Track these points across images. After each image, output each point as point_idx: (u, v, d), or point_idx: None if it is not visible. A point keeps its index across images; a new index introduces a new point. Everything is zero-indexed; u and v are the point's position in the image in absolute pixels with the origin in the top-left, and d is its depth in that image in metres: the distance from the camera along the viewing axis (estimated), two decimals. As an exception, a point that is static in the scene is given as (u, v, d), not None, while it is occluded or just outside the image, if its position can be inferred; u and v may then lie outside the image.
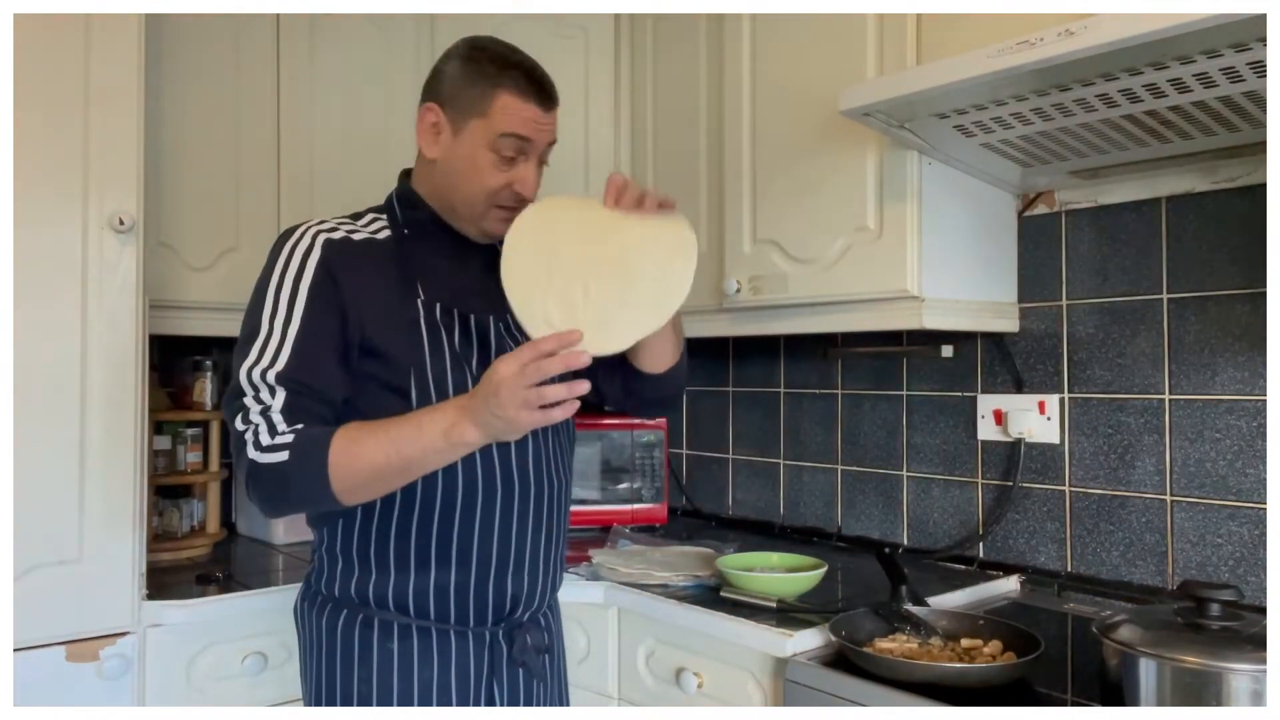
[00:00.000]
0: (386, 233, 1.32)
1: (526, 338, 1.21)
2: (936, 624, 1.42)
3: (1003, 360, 1.86)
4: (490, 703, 1.28)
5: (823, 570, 1.63)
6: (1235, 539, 1.55)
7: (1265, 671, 1.03)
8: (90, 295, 1.61)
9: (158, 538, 2.03)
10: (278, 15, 2.14)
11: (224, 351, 2.38)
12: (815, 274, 1.73)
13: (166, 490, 2.13)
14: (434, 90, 1.33)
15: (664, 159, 2.13)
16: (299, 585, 1.38)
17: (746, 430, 2.38)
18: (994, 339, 1.87)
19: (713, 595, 1.63)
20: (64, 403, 1.58)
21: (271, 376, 1.17)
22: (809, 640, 1.42)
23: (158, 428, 2.09)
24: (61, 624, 1.58)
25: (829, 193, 1.71)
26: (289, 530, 2.20)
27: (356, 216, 1.34)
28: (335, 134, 2.23)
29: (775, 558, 1.76)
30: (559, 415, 1.07)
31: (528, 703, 1.32)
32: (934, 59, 1.49)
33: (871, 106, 1.38)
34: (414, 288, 1.27)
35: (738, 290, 1.85)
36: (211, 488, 2.16)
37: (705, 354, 2.48)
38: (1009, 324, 1.82)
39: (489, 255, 1.36)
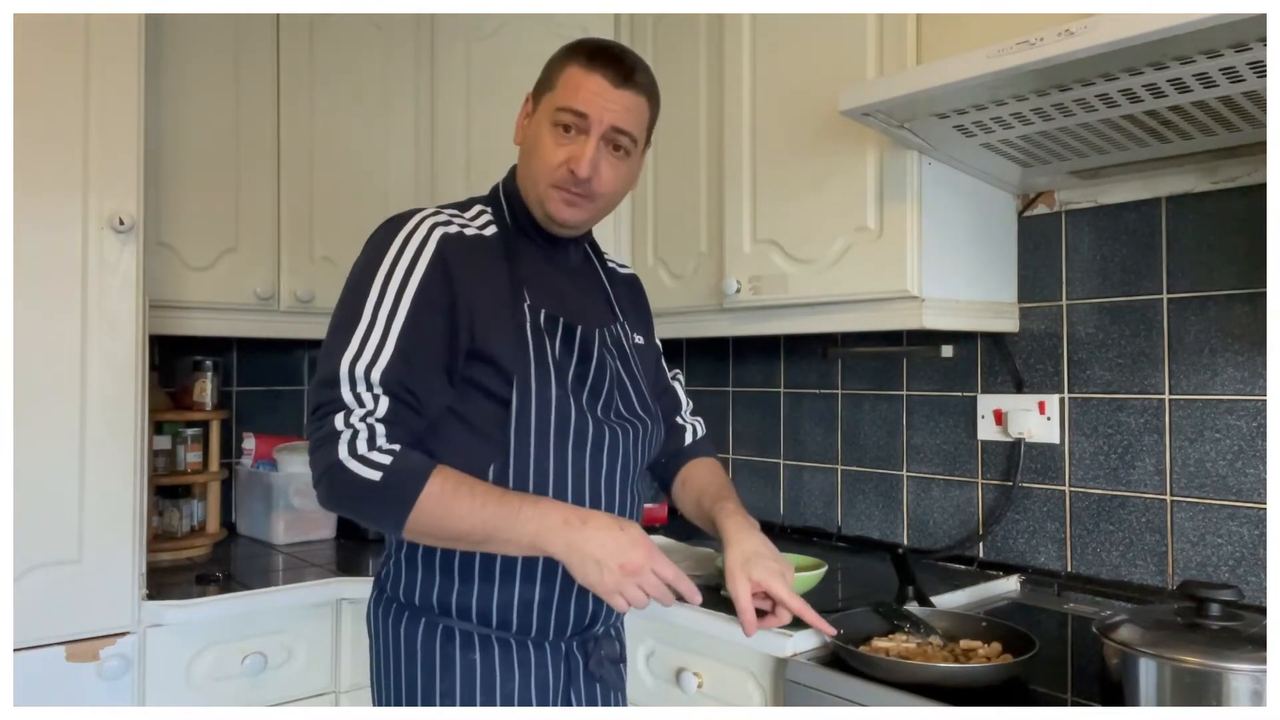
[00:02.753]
0: (493, 229, 1.25)
1: (623, 350, 1.29)
2: (937, 624, 1.42)
3: (1003, 360, 1.86)
4: None
5: (823, 570, 1.63)
6: (1235, 539, 1.55)
7: (1265, 671, 1.03)
8: (90, 295, 1.61)
9: (158, 538, 2.03)
10: (278, 15, 2.14)
11: (224, 352, 2.39)
12: (815, 274, 1.73)
13: (166, 490, 2.13)
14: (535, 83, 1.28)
15: (664, 159, 2.13)
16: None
17: (746, 430, 2.38)
18: (994, 339, 1.87)
19: (713, 595, 1.63)
20: (64, 403, 1.58)
21: (376, 376, 1.11)
22: (809, 640, 1.42)
23: (158, 428, 2.09)
24: (61, 624, 1.58)
25: (829, 193, 1.71)
26: (289, 530, 2.20)
27: (463, 208, 1.27)
28: (335, 134, 2.23)
29: None
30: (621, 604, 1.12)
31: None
32: (934, 59, 1.49)
33: (871, 106, 1.38)
34: (520, 291, 1.21)
35: (738, 290, 1.85)
36: (211, 488, 2.16)
37: (705, 354, 2.48)
38: (1009, 324, 1.82)
39: (583, 257, 1.36)
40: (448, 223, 1.21)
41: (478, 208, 1.28)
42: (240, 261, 2.09)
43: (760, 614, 1.24)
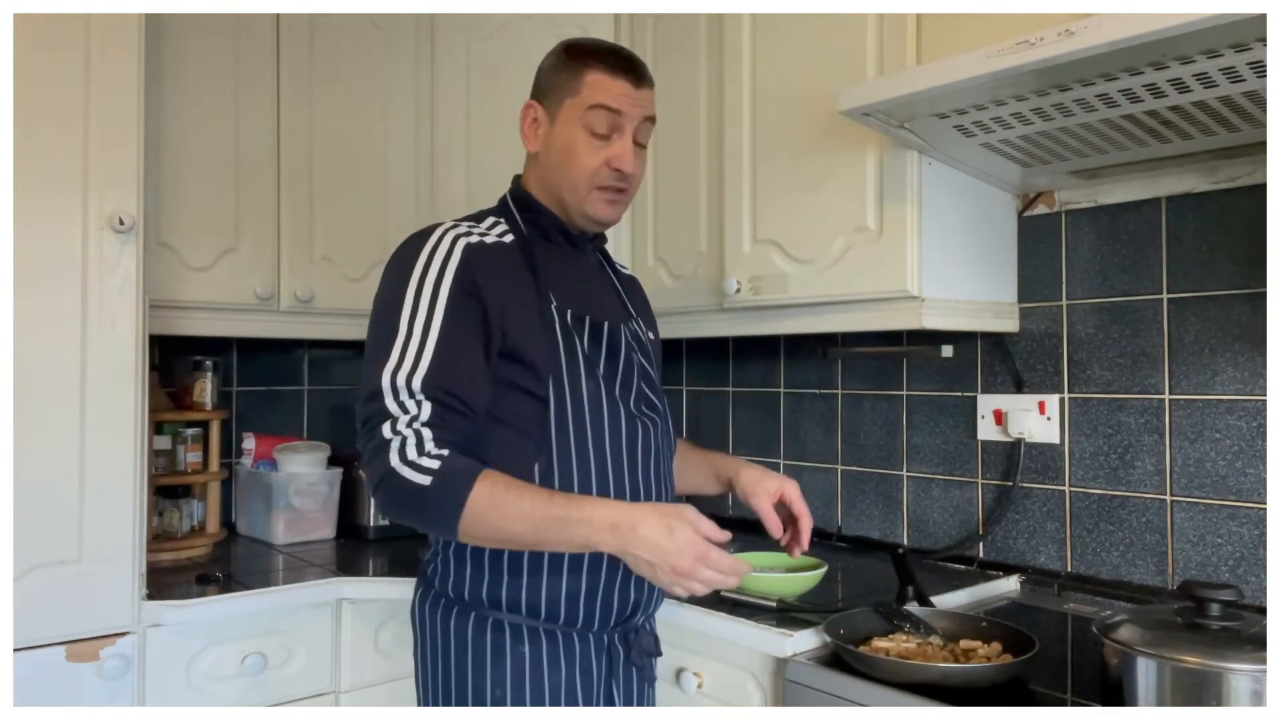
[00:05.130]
0: (510, 237, 1.30)
1: (641, 344, 1.34)
2: (937, 624, 1.42)
3: (1003, 360, 1.86)
4: (610, 704, 1.30)
5: (823, 570, 1.63)
6: (1235, 539, 1.55)
7: (1265, 671, 1.03)
8: (90, 295, 1.61)
9: (158, 538, 2.03)
10: (278, 15, 2.14)
11: (224, 352, 2.39)
12: (815, 274, 1.73)
13: (166, 490, 2.13)
14: (533, 89, 1.34)
15: (664, 159, 2.12)
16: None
17: (746, 430, 2.38)
18: (994, 339, 1.87)
19: (713, 595, 1.63)
20: (64, 403, 1.58)
21: (417, 384, 1.15)
22: (809, 640, 1.42)
23: (158, 428, 2.09)
24: (61, 624, 1.58)
25: (829, 193, 1.71)
26: (289, 530, 2.20)
27: (477, 219, 1.32)
28: (335, 133, 2.23)
29: (775, 558, 1.75)
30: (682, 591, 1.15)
31: (641, 704, 1.36)
32: (934, 59, 1.49)
33: (871, 106, 1.38)
34: (545, 293, 1.26)
35: (738, 290, 1.85)
36: (211, 488, 2.16)
37: (705, 354, 2.48)
38: (1009, 324, 1.82)
39: (597, 259, 1.43)
40: (468, 233, 1.26)
41: (491, 219, 1.33)
42: (240, 261, 2.09)
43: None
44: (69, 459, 1.59)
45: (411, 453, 1.12)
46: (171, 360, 2.26)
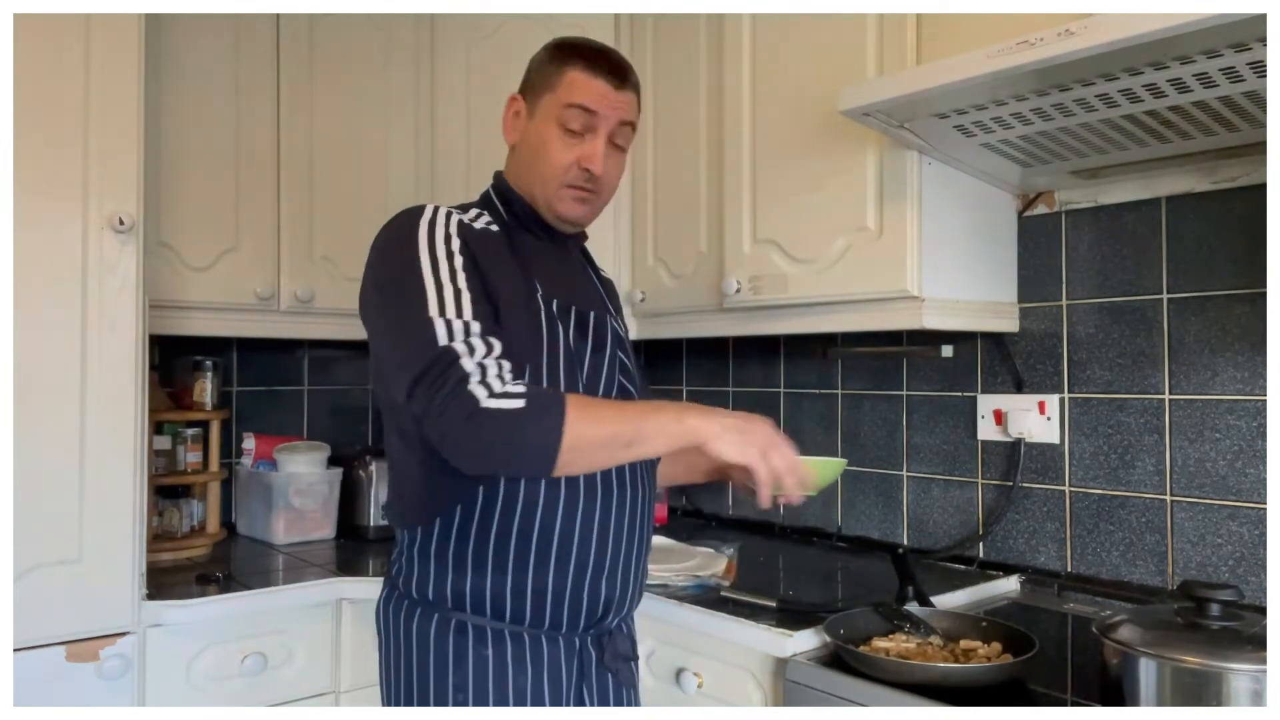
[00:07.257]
0: (495, 226, 1.28)
1: (619, 339, 1.35)
2: (937, 624, 1.42)
3: (1003, 360, 1.86)
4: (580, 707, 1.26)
5: (844, 462, 1.51)
6: (1235, 539, 1.55)
7: (1265, 671, 1.03)
8: (90, 295, 1.61)
9: (158, 538, 2.03)
10: (278, 15, 2.14)
11: (224, 352, 2.39)
12: (815, 274, 1.73)
13: (166, 490, 2.13)
14: (521, 83, 1.33)
15: (664, 159, 2.13)
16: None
17: (746, 430, 2.37)
18: (994, 339, 1.87)
19: (713, 595, 1.63)
20: (64, 403, 1.58)
21: (476, 329, 1.11)
22: (809, 640, 1.42)
23: (158, 428, 2.09)
24: (61, 624, 1.58)
25: (829, 193, 1.71)
26: (289, 530, 2.20)
27: (462, 209, 1.29)
28: (335, 134, 2.23)
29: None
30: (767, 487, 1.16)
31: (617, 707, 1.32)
32: (934, 59, 1.49)
33: (871, 106, 1.38)
34: (531, 281, 1.24)
35: (738, 290, 1.85)
36: (211, 488, 2.16)
37: (705, 354, 2.48)
38: (1009, 324, 1.82)
39: (582, 252, 1.42)
40: (458, 214, 1.25)
41: (475, 210, 1.30)
42: (240, 261, 2.09)
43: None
44: (69, 459, 1.59)
45: (496, 384, 1.07)
46: (171, 360, 2.26)
